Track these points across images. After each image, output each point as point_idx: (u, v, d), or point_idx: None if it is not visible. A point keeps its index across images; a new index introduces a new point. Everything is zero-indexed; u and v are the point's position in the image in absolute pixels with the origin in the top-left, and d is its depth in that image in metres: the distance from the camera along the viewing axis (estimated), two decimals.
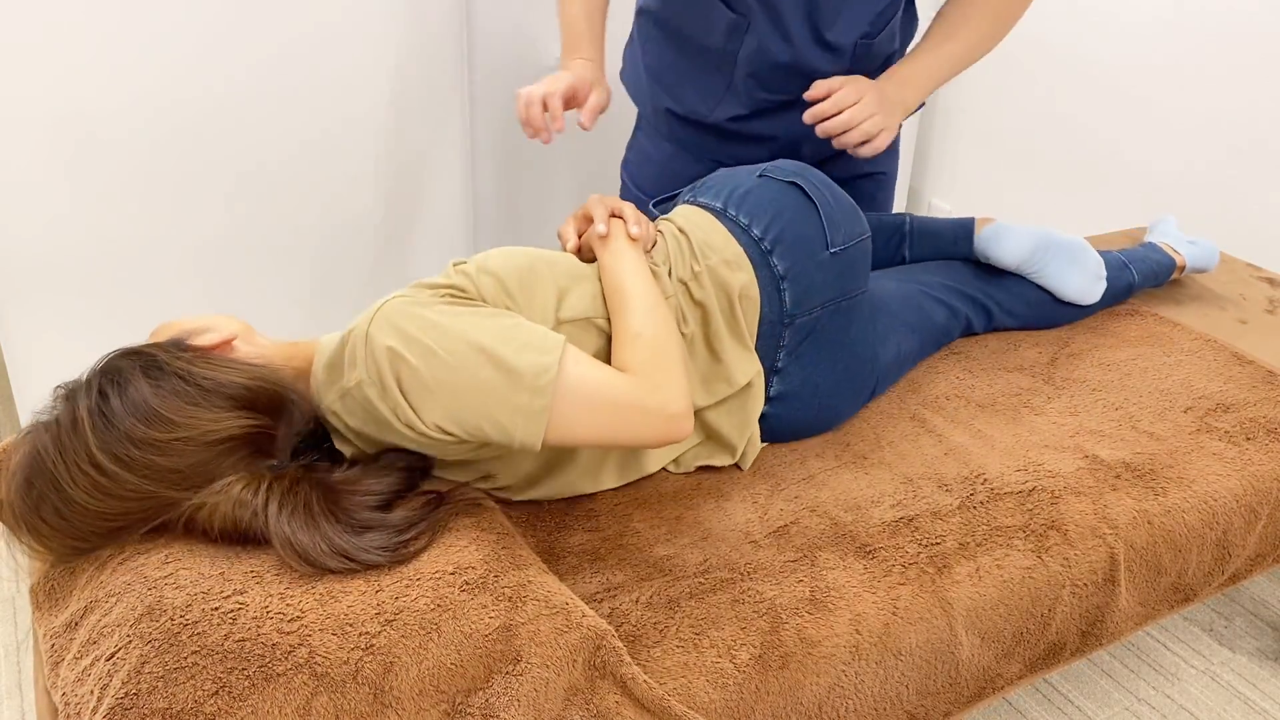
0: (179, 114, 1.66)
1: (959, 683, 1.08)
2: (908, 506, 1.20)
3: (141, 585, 0.93)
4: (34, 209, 1.62)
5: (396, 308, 0.99)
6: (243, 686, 0.83)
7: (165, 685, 0.83)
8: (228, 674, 0.84)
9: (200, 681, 0.83)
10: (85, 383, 0.96)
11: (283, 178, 1.80)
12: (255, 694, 0.83)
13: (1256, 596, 1.77)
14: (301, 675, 0.85)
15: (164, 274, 1.77)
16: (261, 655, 0.85)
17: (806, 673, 0.99)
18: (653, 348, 1.06)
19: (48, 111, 1.57)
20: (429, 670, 0.88)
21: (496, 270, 1.09)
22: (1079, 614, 1.15)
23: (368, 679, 0.86)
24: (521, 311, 1.08)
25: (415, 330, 0.97)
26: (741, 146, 1.52)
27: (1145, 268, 1.69)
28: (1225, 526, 1.25)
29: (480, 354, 0.97)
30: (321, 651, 0.86)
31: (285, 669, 0.85)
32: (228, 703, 0.82)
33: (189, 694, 0.83)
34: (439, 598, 0.92)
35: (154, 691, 0.82)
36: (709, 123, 1.51)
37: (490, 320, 1.01)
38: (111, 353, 0.99)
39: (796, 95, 1.38)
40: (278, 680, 0.84)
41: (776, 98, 1.45)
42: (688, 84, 1.50)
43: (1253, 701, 1.56)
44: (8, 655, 1.60)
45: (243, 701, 0.83)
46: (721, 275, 1.20)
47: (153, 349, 1.00)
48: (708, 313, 1.20)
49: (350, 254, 1.94)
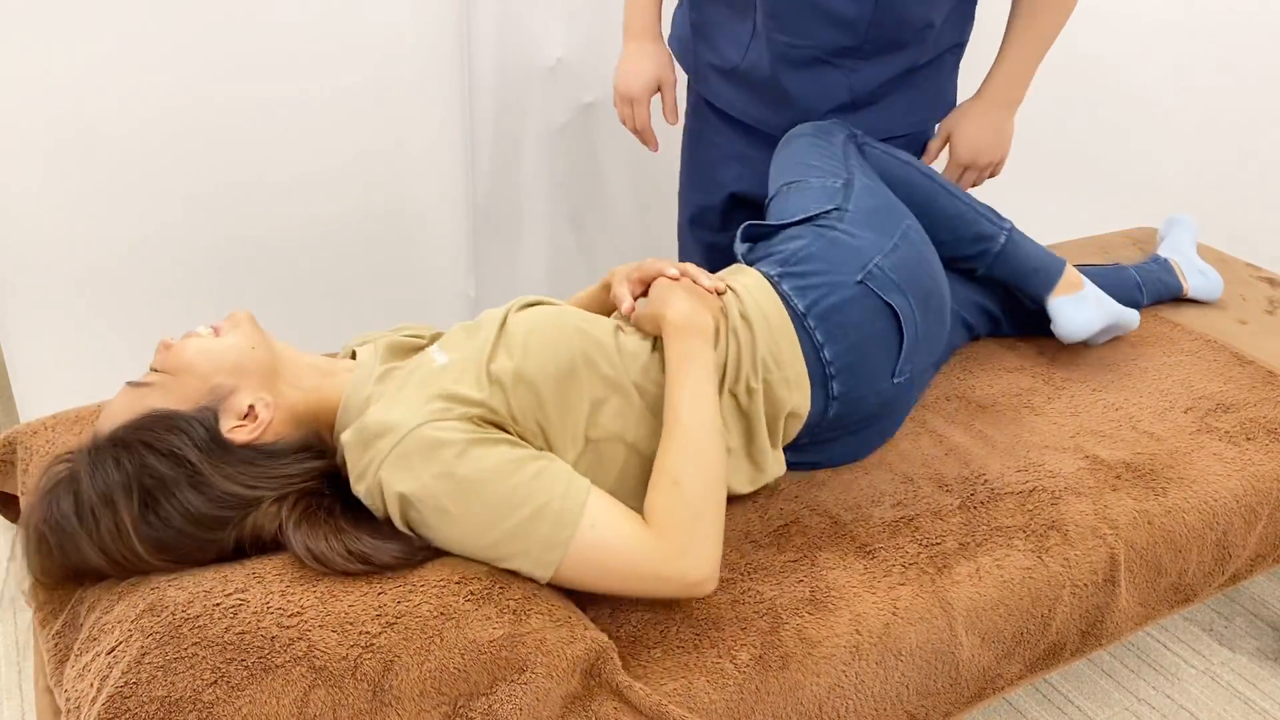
0: (179, 114, 1.66)
1: (960, 683, 1.08)
2: (908, 506, 1.20)
3: (144, 585, 0.93)
4: (34, 209, 1.62)
5: (417, 445, 0.95)
6: (241, 677, 0.84)
7: (164, 675, 0.84)
8: (226, 664, 0.85)
9: (199, 671, 0.84)
10: (121, 485, 0.93)
11: (282, 178, 1.80)
12: (253, 684, 0.84)
13: (1256, 596, 1.77)
14: (300, 668, 0.85)
15: (164, 273, 1.77)
16: (260, 647, 0.86)
17: (806, 673, 0.99)
18: (689, 504, 0.97)
19: (48, 112, 1.57)
20: (431, 672, 0.88)
21: (534, 379, 1.02)
22: (1079, 614, 1.15)
23: (367, 676, 0.86)
24: (552, 427, 1.03)
25: (430, 478, 0.94)
26: (776, 110, 1.50)
27: (1153, 290, 1.67)
28: (1225, 527, 1.25)
29: (493, 518, 0.94)
30: (321, 646, 0.87)
31: (284, 661, 0.85)
32: (226, 692, 0.83)
33: (187, 683, 0.83)
34: (443, 605, 0.92)
35: (153, 681, 0.83)
36: (741, 71, 1.50)
37: (512, 472, 0.95)
38: (140, 437, 0.95)
39: (819, 43, 1.39)
40: (276, 672, 0.85)
41: (801, 44, 1.42)
42: (719, 32, 1.51)
43: (1253, 701, 1.56)
44: (8, 655, 1.60)
45: (240, 691, 0.83)
46: (778, 394, 1.15)
47: (184, 448, 0.95)
48: (752, 427, 1.15)
49: (350, 254, 1.94)
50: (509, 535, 0.94)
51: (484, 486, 0.94)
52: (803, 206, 1.29)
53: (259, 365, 1.04)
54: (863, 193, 1.30)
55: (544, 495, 0.94)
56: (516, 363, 1.03)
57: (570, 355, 1.05)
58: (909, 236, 1.27)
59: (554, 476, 0.96)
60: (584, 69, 2.01)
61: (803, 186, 1.33)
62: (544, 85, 2.00)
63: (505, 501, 0.94)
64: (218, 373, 1.02)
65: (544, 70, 1.97)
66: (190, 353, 1.03)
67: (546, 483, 0.95)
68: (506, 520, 0.94)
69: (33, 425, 1.21)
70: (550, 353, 1.04)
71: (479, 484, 0.94)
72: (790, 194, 1.34)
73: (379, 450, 0.96)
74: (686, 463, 0.99)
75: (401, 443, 0.95)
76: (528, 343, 1.05)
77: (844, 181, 1.32)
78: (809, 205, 1.29)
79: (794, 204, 1.31)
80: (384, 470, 0.96)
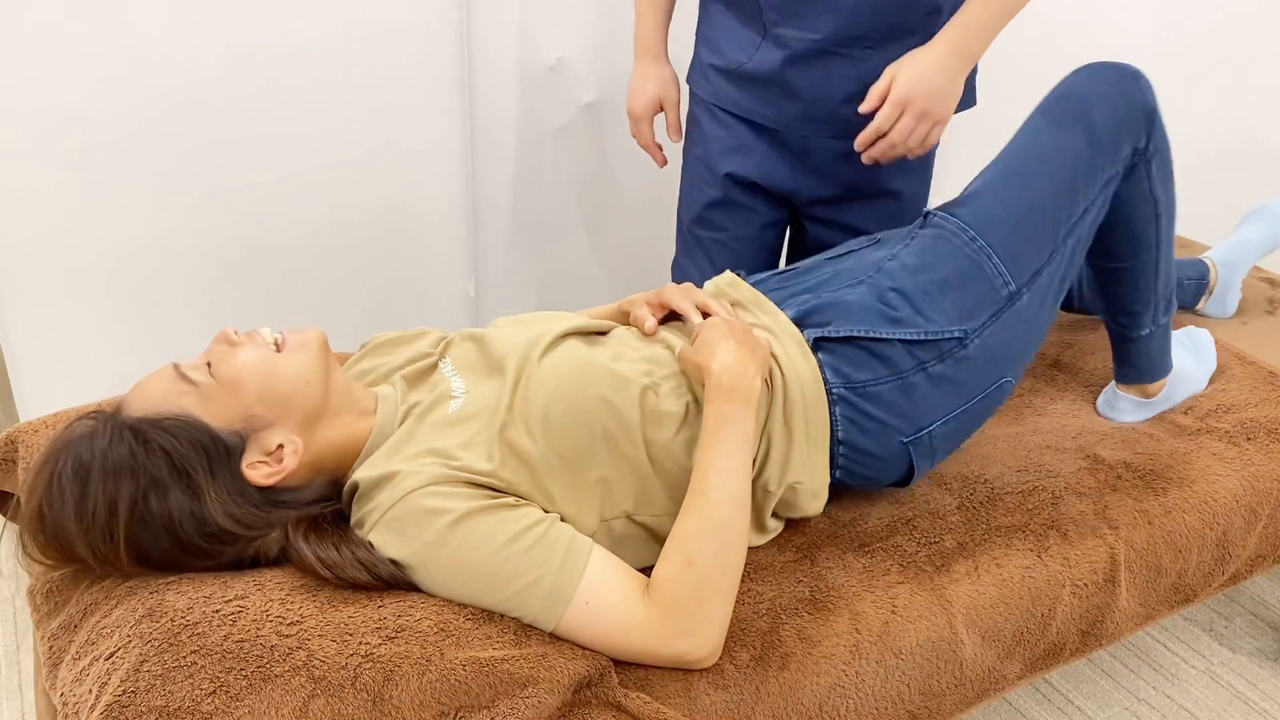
0: (179, 115, 1.66)
1: (964, 682, 1.08)
2: (906, 506, 1.20)
3: (143, 589, 0.93)
4: (35, 209, 1.62)
5: (410, 510, 0.93)
6: (240, 686, 0.83)
7: (163, 684, 0.83)
8: (225, 674, 0.84)
9: (198, 681, 0.83)
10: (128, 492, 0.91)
11: (282, 177, 1.80)
12: (252, 694, 0.83)
13: (1256, 596, 1.77)
14: (299, 678, 0.85)
15: (164, 273, 1.77)
16: (260, 656, 0.85)
17: (807, 672, 0.99)
18: (699, 586, 0.91)
19: (49, 112, 1.57)
20: (431, 683, 0.87)
21: (551, 463, 0.98)
22: (1079, 614, 1.15)
23: (366, 686, 0.86)
24: (566, 505, 0.99)
25: (421, 546, 0.92)
26: (784, 106, 1.48)
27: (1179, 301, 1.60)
28: (1225, 527, 1.25)
29: (483, 590, 0.92)
30: (320, 655, 0.86)
31: (283, 670, 0.85)
32: (225, 702, 0.82)
33: (186, 692, 0.82)
34: (442, 622, 0.92)
35: (151, 690, 0.82)
36: (747, 71, 1.49)
37: (505, 545, 0.92)
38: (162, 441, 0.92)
39: (826, 35, 1.38)
40: (275, 681, 0.84)
41: (808, 36, 1.41)
42: (723, 35, 1.51)
43: (1253, 701, 1.56)
44: (8, 656, 1.60)
45: (239, 701, 0.83)
46: (799, 502, 1.11)
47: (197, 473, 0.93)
48: (760, 515, 1.11)
49: (350, 253, 1.94)
50: (500, 606, 0.93)
51: (475, 561, 0.91)
52: (951, 306, 1.12)
53: (305, 406, 0.99)
54: (1012, 320, 1.15)
55: (536, 570, 0.91)
56: (532, 444, 0.98)
57: (590, 435, 1.00)
58: (989, 398, 1.17)
59: (550, 548, 0.92)
60: (584, 69, 2.01)
61: (975, 269, 1.14)
62: (544, 85, 1.99)
63: (494, 577, 0.91)
64: (262, 401, 0.97)
65: (544, 70, 1.97)
66: (244, 368, 0.97)
67: (541, 556, 0.91)
68: (497, 593, 0.92)
69: (34, 424, 1.21)
70: (569, 433, 0.99)
71: (470, 558, 0.91)
72: (949, 261, 1.15)
73: (378, 504, 0.95)
74: (704, 540, 0.93)
75: (397, 505, 0.93)
76: (547, 415, 0.99)
77: (1011, 292, 1.14)
78: (954, 308, 1.12)
79: (945, 284, 1.13)
80: (375, 533, 0.94)
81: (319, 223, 1.87)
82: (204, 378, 0.97)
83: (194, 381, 0.96)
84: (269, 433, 0.97)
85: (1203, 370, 1.46)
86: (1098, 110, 1.17)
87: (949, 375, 1.13)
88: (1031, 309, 1.16)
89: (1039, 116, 1.22)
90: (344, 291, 1.96)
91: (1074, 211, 1.17)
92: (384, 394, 1.07)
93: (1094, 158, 1.17)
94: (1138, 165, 1.21)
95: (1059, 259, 1.17)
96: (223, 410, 0.96)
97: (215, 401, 0.96)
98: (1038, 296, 1.16)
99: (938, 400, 1.13)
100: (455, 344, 1.15)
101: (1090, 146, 1.17)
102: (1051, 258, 1.16)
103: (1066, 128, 1.18)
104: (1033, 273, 1.15)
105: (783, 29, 1.42)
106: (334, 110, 1.78)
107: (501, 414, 0.99)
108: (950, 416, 1.15)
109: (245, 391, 0.96)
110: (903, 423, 1.13)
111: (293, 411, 0.98)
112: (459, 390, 1.05)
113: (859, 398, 1.12)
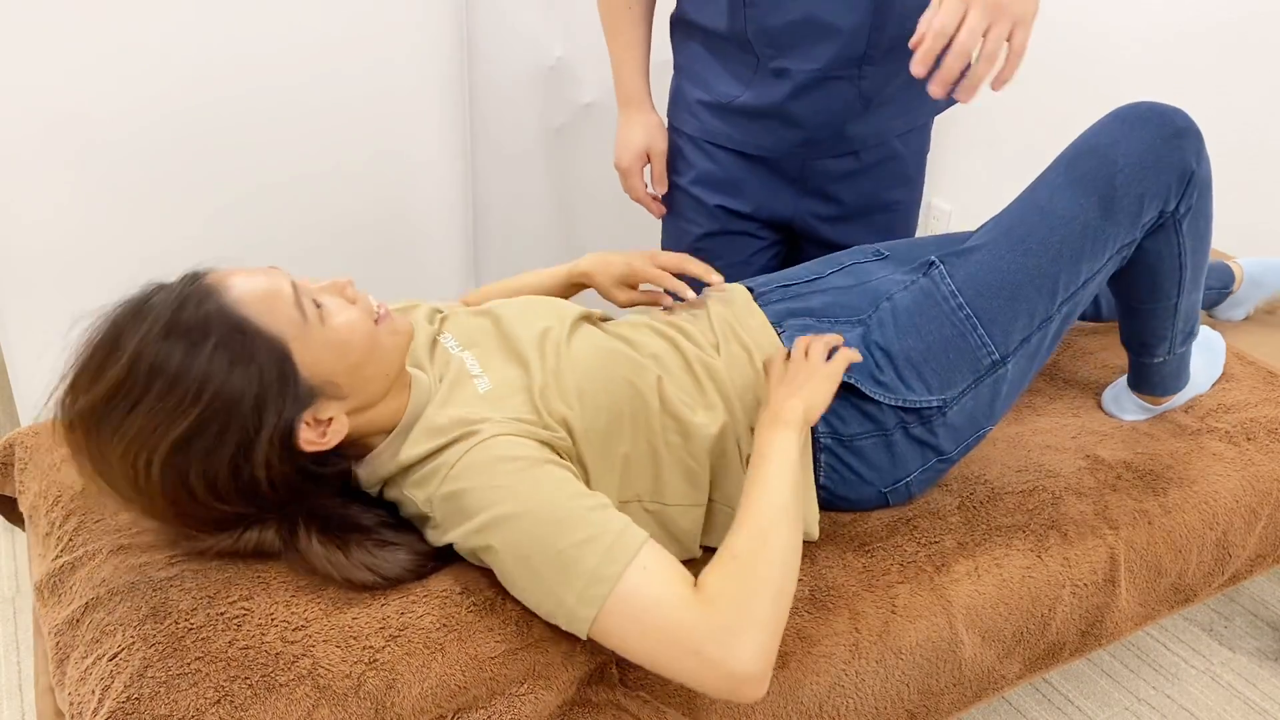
0: (179, 117, 1.66)
1: (963, 682, 1.08)
2: (907, 505, 1.20)
3: (146, 585, 0.93)
4: (35, 208, 1.62)
5: (487, 451, 0.92)
6: (245, 696, 0.83)
7: (167, 691, 0.83)
8: (230, 682, 0.84)
9: (202, 689, 0.83)
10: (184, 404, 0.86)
11: (281, 178, 1.80)
12: (257, 704, 0.83)
13: (1256, 596, 1.77)
14: (304, 687, 0.85)
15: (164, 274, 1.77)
16: (265, 664, 0.85)
17: (806, 672, 0.99)
18: (744, 579, 0.86)
19: (49, 114, 1.57)
20: (431, 689, 0.88)
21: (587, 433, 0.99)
22: (1079, 614, 1.15)
23: (370, 694, 0.86)
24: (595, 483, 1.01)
25: (492, 486, 0.90)
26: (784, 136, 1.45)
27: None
28: (1225, 527, 1.25)
29: (546, 536, 0.88)
30: (325, 663, 0.86)
31: (288, 679, 0.85)
32: (229, 711, 0.82)
33: (190, 701, 0.83)
34: (445, 616, 0.92)
35: (155, 697, 0.82)
36: (740, 105, 1.45)
37: (573, 497, 0.90)
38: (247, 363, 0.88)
39: (826, 62, 1.34)
40: (280, 691, 0.84)
41: (807, 67, 1.37)
42: (710, 70, 1.47)
43: (1253, 701, 1.56)
44: (8, 655, 1.60)
45: (244, 711, 0.83)
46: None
47: (265, 415, 0.88)
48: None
49: (349, 254, 1.94)
50: (555, 560, 0.87)
51: (544, 504, 0.89)
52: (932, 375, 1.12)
53: (372, 394, 0.96)
54: (994, 384, 1.15)
55: (599, 528, 0.88)
56: (572, 413, 0.99)
57: (619, 413, 1.01)
58: (967, 447, 1.19)
59: (612, 514, 0.90)
60: (584, 69, 2.01)
61: (959, 339, 1.13)
62: (544, 85, 2.00)
63: (559, 524, 0.88)
64: (349, 374, 0.93)
65: (544, 70, 1.98)
66: (355, 336, 0.93)
67: (604, 517, 0.89)
68: (559, 541, 0.87)
69: (34, 428, 1.21)
70: (602, 409, 1.00)
71: (540, 501, 0.89)
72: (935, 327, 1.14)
73: (444, 460, 0.93)
74: (754, 534, 0.90)
75: (471, 452, 0.92)
76: (582, 392, 1.01)
77: (995, 360, 1.14)
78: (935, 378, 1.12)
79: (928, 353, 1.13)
80: (446, 484, 0.92)
81: (318, 223, 1.87)
82: (315, 320, 0.92)
83: (305, 316, 0.91)
84: (330, 404, 0.93)
85: (1209, 375, 1.46)
86: (1122, 177, 1.11)
87: (926, 438, 1.15)
88: (1017, 371, 1.16)
89: (1061, 169, 1.15)
90: None
91: (1074, 281, 1.14)
92: (418, 377, 1.04)
93: (1106, 228, 1.12)
94: (1165, 225, 1.16)
95: (1052, 324, 1.16)
96: (313, 361, 0.91)
97: (312, 349, 0.91)
98: (1024, 360, 1.16)
99: (916, 455, 1.16)
100: (451, 319, 1.15)
101: (1104, 217, 1.12)
102: (1043, 325, 1.15)
103: (1083, 192, 1.12)
104: (1021, 340, 1.14)
105: (779, 62, 1.38)
106: (333, 111, 1.78)
107: (538, 390, 1.00)
108: (928, 467, 1.17)
109: (343, 358, 0.92)
110: (881, 476, 1.16)
111: (360, 396, 0.95)
112: (475, 369, 1.05)
113: (843, 449, 1.14)
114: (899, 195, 1.54)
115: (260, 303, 0.90)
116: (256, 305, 0.90)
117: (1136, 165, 1.11)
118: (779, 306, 1.22)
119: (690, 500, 1.07)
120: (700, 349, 1.13)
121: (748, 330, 1.17)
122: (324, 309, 0.93)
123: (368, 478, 1.00)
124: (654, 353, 1.12)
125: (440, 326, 1.14)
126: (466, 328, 1.12)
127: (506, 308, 1.14)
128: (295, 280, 0.94)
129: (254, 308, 0.90)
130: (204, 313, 0.89)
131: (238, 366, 0.87)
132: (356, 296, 0.97)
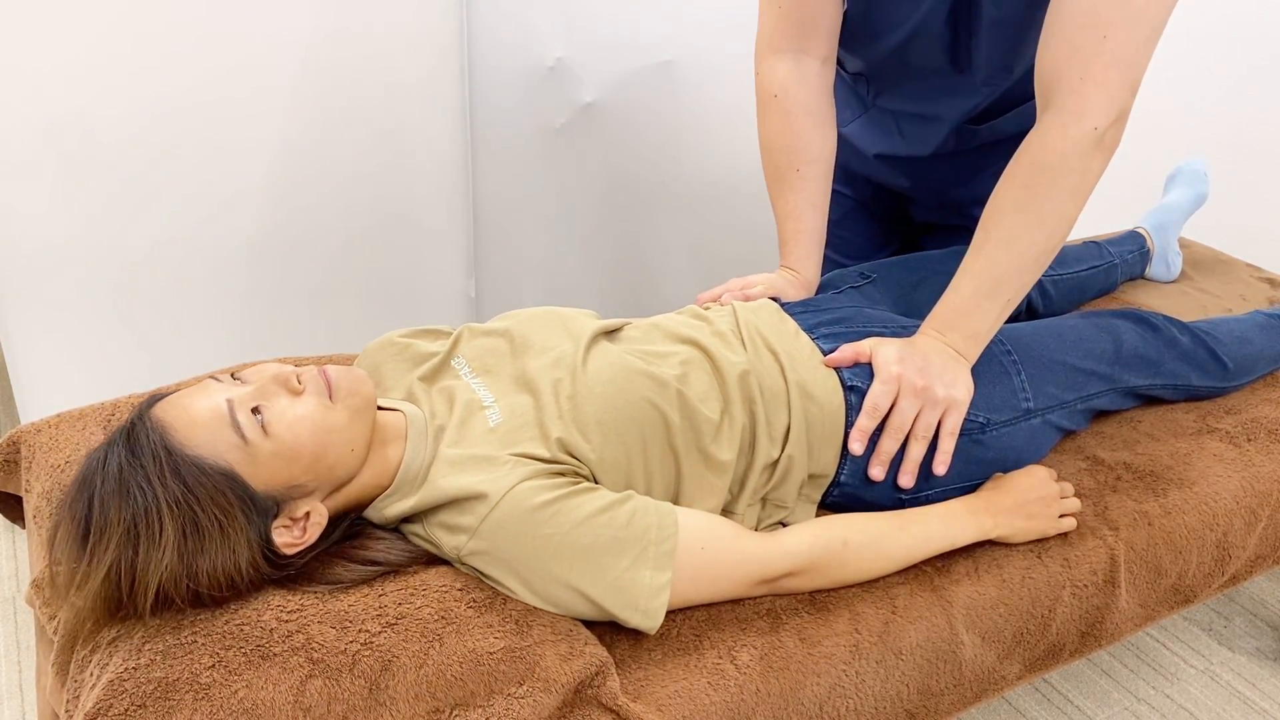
0: (179, 117, 1.66)
1: (963, 682, 1.09)
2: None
3: None
4: (35, 209, 1.62)
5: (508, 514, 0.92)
6: (239, 662, 0.86)
7: (164, 659, 0.86)
8: (225, 650, 0.87)
9: (197, 656, 0.86)
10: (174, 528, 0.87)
11: (281, 178, 1.80)
12: (251, 670, 0.86)
13: (1256, 596, 1.77)
14: (298, 658, 0.87)
15: (165, 275, 1.77)
16: (260, 637, 0.88)
17: (807, 673, 0.99)
18: (846, 563, 1.05)
19: (49, 114, 1.57)
20: (428, 675, 0.88)
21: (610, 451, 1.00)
22: (1079, 614, 1.15)
23: (364, 673, 0.87)
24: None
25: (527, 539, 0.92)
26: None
27: (1125, 273, 1.77)
28: (1225, 528, 1.25)
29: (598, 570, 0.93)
30: (319, 640, 0.88)
31: (282, 650, 0.87)
32: (223, 675, 0.85)
33: (186, 666, 0.85)
34: (444, 609, 0.92)
35: (152, 665, 0.85)
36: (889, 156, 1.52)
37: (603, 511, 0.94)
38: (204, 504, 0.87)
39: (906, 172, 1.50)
40: (274, 659, 0.86)
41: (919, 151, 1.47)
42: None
43: (1252, 701, 1.56)
44: (8, 655, 1.60)
45: (238, 675, 0.85)
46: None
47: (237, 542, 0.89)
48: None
49: (349, 254, 1.94)
50: (612, 588, 0.93)
51: (577, 530, 0.92)
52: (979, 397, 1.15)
53: (344, 473, 0.95)
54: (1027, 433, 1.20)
55: (638, 544, 0.94)
56: (589, 447, 0.99)
57: (640, 437, 1.02)
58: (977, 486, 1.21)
59: (647, 504, 0.97)
60: (584, 69, 2.01)
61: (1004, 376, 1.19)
62: (544, 85, 1.99)
63: (602, 532, 0.93)
64: (308, 471, 0.92)
65: (544, 70, 1.97)
66: (303, 435, 0.91)
67: (641, 522, 0.95)
68: (608, 574, 0.93)
69: (37, 425, 1.21)
70: (622, 436, 1.01)
71: (572, 531, 0.92)
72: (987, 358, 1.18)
73: (462, 526, 0.94)
74: (836, 559, 1.04)
75: (492, 513, 0.92)
76: (602, 422, 1.00)
77: (1030, 409, 1.20)
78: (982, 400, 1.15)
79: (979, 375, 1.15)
80: (473, 558, 0.94)
81: (319, 223, 1.87)
82: (257, 436, 0.90)
83: (246, 439, 0.89)
84: (301, 502, 0.93)
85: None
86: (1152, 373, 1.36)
87: (960, 452, 1.14)
88: (1043, 433, 1.23)
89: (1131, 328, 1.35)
90: (344, 291, 1.96)
91: (1087, 390, 1.28)
92: (412, 416, 1.02)
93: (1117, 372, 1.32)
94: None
95: (1069, 409, 1.26)
96: (267, 475, 0.90)
97: (261, 464, 0.90)
98: (1048, 428, 1.23)
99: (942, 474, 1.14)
100: (465, 339, 1.14)
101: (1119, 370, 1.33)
102: (1062, 406, 1.25)
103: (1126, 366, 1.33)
104: (1050, 403, 1.23)
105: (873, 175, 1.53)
106: (334, 110, 1.78)
107: (552, 423, 0.99)
108: (948, 489, 1.16)
109: (294, 462, 0.91)
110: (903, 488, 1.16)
111: (331, 480, 0.95)
112: (488, 399, 1.04)
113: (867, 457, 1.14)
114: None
115: (193, 430, 0.89)
116: (189, 434, 0.89)
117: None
118: (804, 319, 1.24)
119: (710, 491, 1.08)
120: (725, 342, 1.13)
121: (777, 333, 1.17)
122: (265, 418, 0.90)
123: (377, 518, 1.01)
124: (677, 361, 1.10)
125: (453, 348, 1.13)
126: (480, 349, 1.11)
127: (523, 325, 1.12)
128: (231, 394, 0.91)
129: (194, 440, 0.89)
130: (152, 460, 0.87)
131: (196, 505, 0.87)
132: (302, 384, 0.94)
